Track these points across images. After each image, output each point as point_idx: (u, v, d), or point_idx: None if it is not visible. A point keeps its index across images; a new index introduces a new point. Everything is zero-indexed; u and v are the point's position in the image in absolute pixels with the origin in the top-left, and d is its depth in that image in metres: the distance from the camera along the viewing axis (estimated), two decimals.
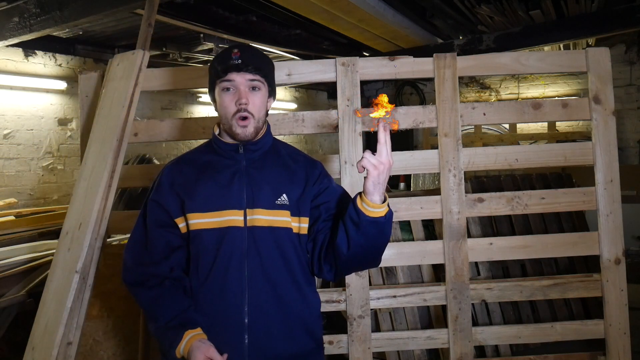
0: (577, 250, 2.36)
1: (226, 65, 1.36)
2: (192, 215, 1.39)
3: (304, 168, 1.49)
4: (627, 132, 6.59)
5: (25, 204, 4.51)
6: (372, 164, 1.23)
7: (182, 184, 1.43)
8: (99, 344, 2.18)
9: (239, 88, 1.37)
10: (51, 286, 2.07)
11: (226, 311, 1.36)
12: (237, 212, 1.38)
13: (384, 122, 1.24)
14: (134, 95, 2.23)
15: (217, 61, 1.41)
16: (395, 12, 4.24)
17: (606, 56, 2.32)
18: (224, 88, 1.39)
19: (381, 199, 1.27)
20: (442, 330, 2.33)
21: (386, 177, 1.25)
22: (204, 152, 1.50)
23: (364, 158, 1.23)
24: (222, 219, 1.38)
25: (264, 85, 1.41)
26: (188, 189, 1.42)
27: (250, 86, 1.39)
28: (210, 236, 1.38)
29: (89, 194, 2.14)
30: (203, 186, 1.41)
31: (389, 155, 1.24)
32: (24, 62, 4.61)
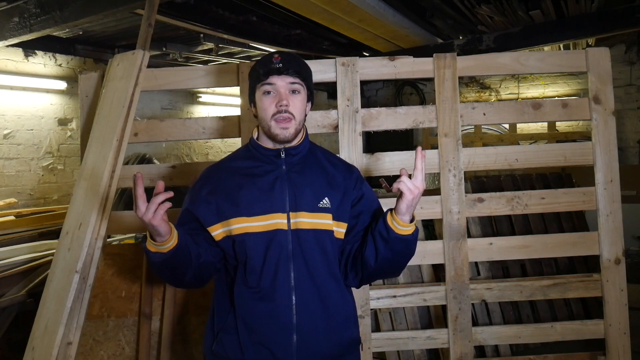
0: (577, 250, 2.36)
1: (267, 69, 1.40)
2: (236, 220, 1.40)
3: (342, 172, 1.53)
4: (627, 132, 6.59)
5: (25, 204, 4.51)
6: (408, 187, 1.33)
7: (222, 191, 1.44)
8: (99, 344, 2.18)
9: (279, 91, 1.40)
10: (51, 286, 2.07)
11: (275, 311, 1.38)
12: (281, 215, 1.41)
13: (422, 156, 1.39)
14: (134, 95, 2.23)
15: (258, 65, 1.44)
16: (395, 12, 4.24)
17: (606, 56, 2.32)
18: (265, 91, 1.41)
19: (410, 219, 1.37)
20: (442, 330, 2.33)
21: (418, 200, 1.35)
22: (243, 158, 1.51)
23: (402, 182, 1.33)
24: (267, 222, 1.40)
25: (303, 89, 1.44)
26: (229, 195, 1.43)
27: (290, 89, 1.42)
28: (256, 240, 1.40)
29: (89, 194, 2.14)
30: (246, 192, 1.42)
31: (423, 182, 1.36)
32: (24, 62, 4.62)
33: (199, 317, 2.21)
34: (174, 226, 1.33)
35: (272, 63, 1.40)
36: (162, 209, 1.23)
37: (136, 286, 2.23)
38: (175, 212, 2.29)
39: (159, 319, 2.19)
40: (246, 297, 1.41)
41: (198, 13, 4.00)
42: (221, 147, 6.86)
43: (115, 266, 2.25)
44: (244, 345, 1.39)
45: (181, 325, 2.21)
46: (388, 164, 2.32)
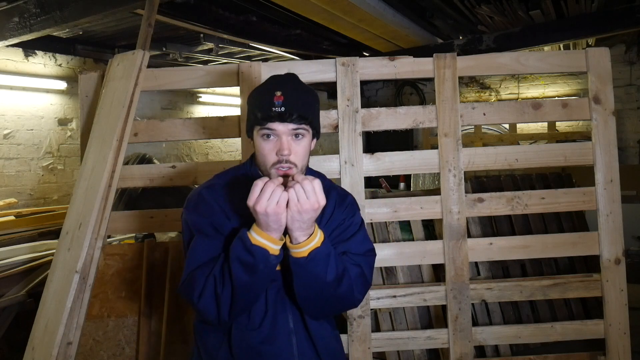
0: (577, 250, 2.36)
1: (267, 114, 1.22)
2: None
3: (333, 199, 1.39)
4: (627, 132, 6.59)
5: (25, 204, 4.51)
6: (295, 198, 1.12)
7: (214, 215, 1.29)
8: (99, 344, 2.18)
9: (280, 137, 1.23)
10: (51, 286, 2.07)
11: (275, 354, 1.30)
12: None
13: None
14: (134, 95, 2.23)
15: (256, 105, 1.26)
16: (395, 12, 4.24)
17: (606, 56, 2.32)
18: (264, 134, 1.25)
19: (306, 236, 1.17)
20: (442, 330, 2.33)
21: (311, 217, 1.14)
22: (243, 187, 1.26)
23: (296, 183, 1.13)
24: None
25: (308, 132, 1.28)
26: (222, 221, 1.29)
27: (293, 134, 1.25)
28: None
29: (89, 194, 2.14)
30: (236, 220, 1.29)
31: (318, 198, 1.13)
32: (24, 62, 4.62)
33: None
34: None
35: (273, 105, 1.21)
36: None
37: (136, 286, 2.23)
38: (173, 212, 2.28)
39: (159, 319, 2.19)
40: (245, 338, 1.29)
41: (198, 13, 4.00)
42: (221, 147, 6.86)
43: (115, 266, 2.25)
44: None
45: (181, 325, 2.21)
46: (388, 164, 2.32)
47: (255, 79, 2.33)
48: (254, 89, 1.34)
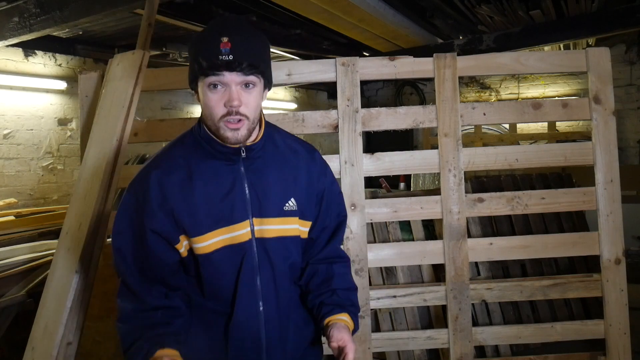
0: (577, 250, 2.36)
1: (213, 63, 1.11)
2: (198, 238, 1.21)
3: (305, 161, 1.34)
4: (627, 132, 6.59)
5: (25, 204, 4.51)
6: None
7: (177, 199, 1.21)
8: (99, 344, 2.18)
9: (230, 87, 1.14)
10: (51, 286, 2.07)
11: (242, 328, 1.24)
12: (245, 224, 1.22)
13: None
14: (134, 95, 2.23)
15: (200, 52, 1.14)
16: (395, 12, 4.24)
17: (606, 56, 2.32)
18: (210, 84, 1.14)
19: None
20: (442, 330, 2.33)
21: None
22: (192, 154, 1.24)
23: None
24: (230, 235, 1.22)
25: (260, 80, 1.18)
26: (186, 204, 1.20)
27: (243, 84, 1.15)
28: (220, 256, 1.22)
29: (89, 194, 2.14)
30: (203, 199, 1.21)
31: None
32: (24, 62, 4.61)
33: None
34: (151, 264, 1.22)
35: (220, 53, 1.10)
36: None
37: None
38: None
39: None
40: (209, 313, 1.27)
41: (198, 13, 4.00)
42: None
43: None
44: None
45: None
46: (388, 164, 2.31)
47: None
48: (192, 40, 1.21)
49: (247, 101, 1.16)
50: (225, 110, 1.15)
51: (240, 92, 1.15)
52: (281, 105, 7.62)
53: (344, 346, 1.21)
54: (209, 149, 1.23)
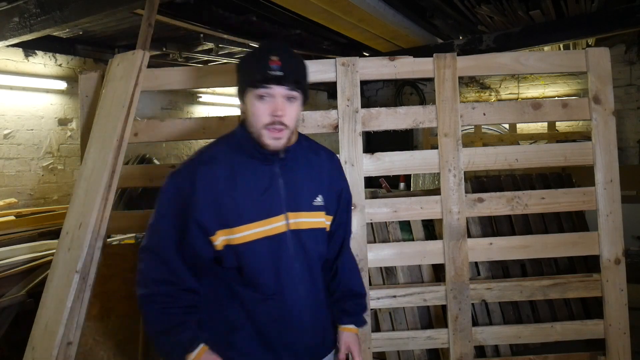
0: (577, 250, 2.36)
1: (265, 76, 1.29)
2: (239, 228, 1.33)
3: (327, 163, 1.53)
4: (627, 132, 6.59)
5: (25, 204, 4.51)
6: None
7: (222, 192, 1.34)
8: (99, 344, 2.18)
9: (275, 99, 1.31)
10: (51, 286, 2.07)
11: (284, 313, 1.39)
12: (281, 217, 1.38)
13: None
14: (134, 95, 2.23)
15: (253, 67, 1.32)
16: (395, 12, 4.24)
17: (606, 56, 2.32)
18: (259, 96, 1.32)
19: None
20: (442, 330, 2.33)
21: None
22: (234, 153, 1.39)
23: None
24: (268, 227, 1.36)
25: (300, 96, 1.37)
26: (230, 197, 1.34)
27: (287, 97, 1.33)
28: (259, 246, 1.35)
29: (89, 194, 2.14)
30: (244, 194, 1.35)
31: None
32: (24, 62, 4.62)
33: None
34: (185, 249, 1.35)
35: (271, 69, 1.29)
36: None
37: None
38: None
39: None
40: (252, 301, 1.39)
41: (198, 13, 4.00)
42: None
43: (115, 266, 2.25)
44: (256, 347, 1.39)
45: None
46: (388, 164, 2.31)
47: None
48: (242, 57, 1.42)
49: (289, 112, 1.33)
50: (270, 119, 1.31)
51: (284, 104, 1.32)
52: None
53: (351, 351, 1.52)
54: (251, 150, 1.38)
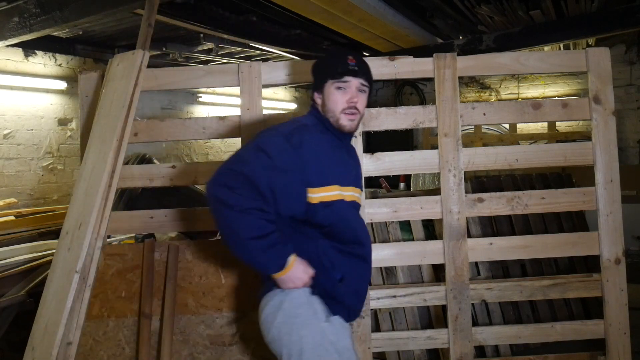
0: (577, 250, 2.36)
1: (344, 69, 1.63)
2: (327, 187, 1.59)
3: (357, 155, 1.91)
4: (627, 132, 6.59)
5: (25, 204, 4.51)
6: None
7: (318, 156, 1.59)
8: (99, 344, 2.18)
9: (350, 89, 1.64)
10: (51, 286, 2.07)
11: (365, 269, 1.71)
12: (349, 189, 1.66)
13: None
14: (134, 95, 2.23)
15: (334, 62, 1.66)
16: (395, 12, 4.24)
17: (606, 56, 2.32)
18: (338, 87, 1.64)
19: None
20: (442, 330, 2.33)
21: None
22: (323, 131, 1.67)
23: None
24: (351, 193, 1.66)
25: (368, 88, 1.69)
26: (326, 162, 1.61)
27: (359, 88, 1.66)
28: (348, 207, 1.65)
29: (89, 194, 2.14)
30: (336, 162, 1.64)
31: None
32: (24, 62, 4.62)
33: (199, 317, 2.21)
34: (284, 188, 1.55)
35: (349, 65, 1.63)
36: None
37: (136, 286, 2.23)
38: (173, 212, 2.27)
39: (159, 319, 2.19)
40: (341, 257, 1.64)
41: (198, 13, 4.00)
42: (221, 147, 6.86)
43: (115, 266, 2.25)
44: (350, 294, 1.65)
45: (181, 325, 2.21)
46: (388, 164, 2.32)
47: (255, 79, 2.33)
48: (321, 58, 1.77)
49: (361, 100, 1.67)
50: (346, 105, 1.64)
51: (358, 93, 1.66)
52: (281, 105, 7.62)
53: None
54: (332, 129, 1.68)
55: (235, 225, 1.50)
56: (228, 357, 2.18)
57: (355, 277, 1.66)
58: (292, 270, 1.55)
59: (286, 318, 1.58)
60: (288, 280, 1.56)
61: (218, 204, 1.50)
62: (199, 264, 2.26)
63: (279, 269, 1.54)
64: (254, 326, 2.19)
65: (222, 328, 2.20)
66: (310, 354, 1.52)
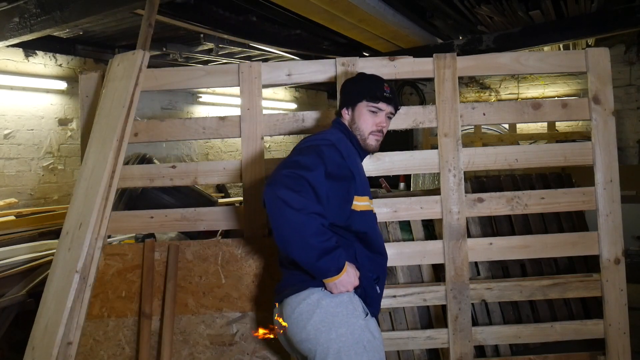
0: (577, 250, 2.36)
1: (381, 95, 1.78)
2: (363, 198, 1.72)
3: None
4: (626, 132, 6.60)
5: (25, 204, 4.51)
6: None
7: (360, 168, 1.77)
8: (99, 343, 2.18)
9: (382, 114, 1.80)
10: (51, 286, 2.08)
11: (385, 270, 1.83)
12: (369, 200, 1.76)
13: None
14: (134, 95, 2.23)
15: (370, 87, 1.81)
16: (395, 12, 4.24)
17: (606, 56, 2.33)
18: (372, 110, 1.79)
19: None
20: (442, 330, 2.33)
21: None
22: (349, 144, 1.78)
23: None
24: (373, 205, 1.79)
25: (393, 117, 1.86)
26: (358, 174, 1.73)
27: (388, 115, 1.82)
28: (371, 217, 1.77)
29: (89, 194, 2.14)
30: (360, 175, 1.74)
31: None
32: (25, 62, 4.62)
33: (199, 317, 2.21)
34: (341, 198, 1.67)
35: (385, 92, 1.79)
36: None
37: (136, 286, 2.24)
38: (173, 212, 2.27)
39: (159, 319, 2.19)
40: (371, 259, 1.75)
41: (198, 13, 4.00)
42: (221, 147, 6.86)
43: (116, 266, 2.25)
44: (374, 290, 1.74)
45: (181, 325, 2.21)
46: (388, 164, 2.32)
47: (255, 79, 2.33)
48: (358, 77, 1.91)
49: (387, 126, 1.84)
50: (375, 128, 1.80)
51: (386, 119, 1.82)
52: (281, 105, 7.62)
53: None
54: (360, 146, 1.82)
55: (300, 227, 1.52)
56: (228, 357, 2.18)
57: (381, 283, 1.79)
58: (346, 273, 1.59)
59: (325, 316, 1.59)
60: (340, 285, 1.59)
61: (282, 204, 1.51)
62: (199, 264, 2.26)
63: (337, 272, 1.57)
64: (254, 326, 2.20)
65: (222, 328, 2.20)
66: (348, 351, 1.55)
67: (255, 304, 2.23)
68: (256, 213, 2.30)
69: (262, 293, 2.22)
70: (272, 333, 1.76)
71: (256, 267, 2.26)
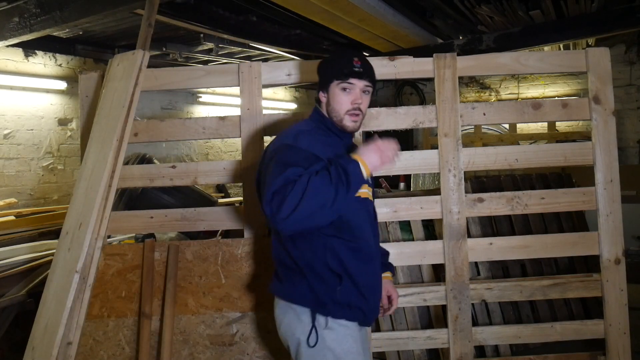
0: (577, 250, 2.36)
1: (349, 71, 1.64)
2: None
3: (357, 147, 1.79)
4: (627, 132, 6.59)
5: (25, 204, 4.51)
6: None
7: (324, 154, 1.60)
8: (99, 344, 2.18)
9: (355, 91, 1.65)
10: (51, 286, 2.08)
11: (373, 269, 1.69)
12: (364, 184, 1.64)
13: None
14: (134, 95, 2.23)
15: (339, 63, 1.67)
16: (395, 12, 4.24)
17: (606, 56, 2.32)
18: (343, 88, 1.65)
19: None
20: (442, 330, 2.33)
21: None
22: (322, 132, 1.69)
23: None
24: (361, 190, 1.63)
25: (371, 90, 1.71)
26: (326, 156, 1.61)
27: (363, 90, 1.67)
28: (357, 205, 1.64)
29: (89, 194, 2.14)
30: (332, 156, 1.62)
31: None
32: (24, 62, 4.62)
33: (199, 317, 2.21)
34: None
35: (354, 66, 1.64)
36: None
37: (136, 286, 2.23)
38: (173, 212, 2.27)
39: (159, 319, 2.19)
40: (350, 254, 1.61)
41: (198, 13, 4.00)
42: (221, 147, 6.86)
43: (115, 266, 2.25)
44: (356, 294, 1.61)
45: (181, 325, 2.21)
46: None
47: (255, 79, 2.33)
48: (327, 58, 1.78)
49: (364, 102, 1.69)
50: (351, 106, 1.66)
51: (362, 95, 1.67)
52: (281, 105, 7.62)
53: (390, 295, 1.85)
54: (335, 130, 1.70)
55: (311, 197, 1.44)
56: (228, 357, 2.18)
57: (362, 277, 1.63)
58: (364, 157, 1.53)
59: (288, 326, 1.64)
60: (373, 159, 1.54)
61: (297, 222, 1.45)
62: (199, 264, 2.26)
63: (356, 168, 1.50)
64: (254, 326, 2.20)
65: (222, 328, 2.20)
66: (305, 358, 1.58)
67: (255, 304, 2.23)
68: (256, 213, 2.30)
69: (262, 293, 2.22)
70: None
71: (256, 267, 2.26)
